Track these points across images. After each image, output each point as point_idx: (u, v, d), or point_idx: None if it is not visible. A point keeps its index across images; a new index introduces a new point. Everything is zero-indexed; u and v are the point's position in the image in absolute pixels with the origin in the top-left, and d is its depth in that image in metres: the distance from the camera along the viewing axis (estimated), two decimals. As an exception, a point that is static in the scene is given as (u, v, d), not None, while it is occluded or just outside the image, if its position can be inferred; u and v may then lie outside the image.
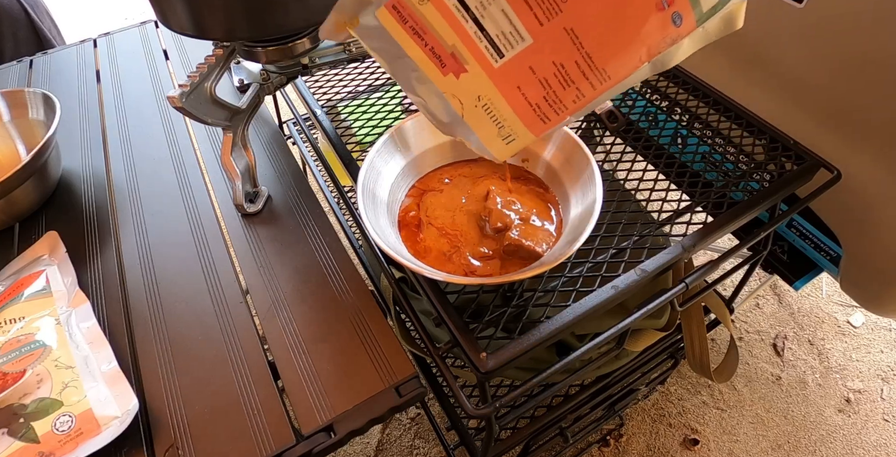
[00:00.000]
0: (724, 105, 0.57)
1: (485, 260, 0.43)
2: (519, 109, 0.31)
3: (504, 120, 0.31)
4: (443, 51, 0.29)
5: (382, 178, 0.46)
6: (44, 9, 1.06)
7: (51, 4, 1.09)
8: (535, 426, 0.60)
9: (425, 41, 0.29)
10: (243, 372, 0.44)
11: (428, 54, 0.29)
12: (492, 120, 0.31)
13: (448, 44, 0.29)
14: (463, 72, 0.29)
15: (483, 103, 0.30)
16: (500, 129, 0.32)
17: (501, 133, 0.32)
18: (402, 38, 0.29)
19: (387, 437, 0.97)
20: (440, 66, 0.29)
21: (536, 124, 0.31)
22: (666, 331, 0.56)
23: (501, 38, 0.28)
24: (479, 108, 0.31)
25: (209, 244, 0.54)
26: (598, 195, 0.41)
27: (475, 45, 0.28)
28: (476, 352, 0.38)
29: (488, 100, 0.30)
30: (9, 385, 0.40)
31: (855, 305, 1.11)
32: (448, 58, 0.29)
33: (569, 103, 0.30)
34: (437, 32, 0.28)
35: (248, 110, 0.54)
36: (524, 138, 0.32)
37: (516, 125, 0.31)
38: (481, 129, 0.32)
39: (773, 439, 0.94)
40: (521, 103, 0.30)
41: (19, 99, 0.63)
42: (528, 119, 0.31)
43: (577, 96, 0.30)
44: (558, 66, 0.29)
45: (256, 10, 0.43)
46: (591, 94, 0.30)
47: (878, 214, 0.58)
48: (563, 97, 0.30)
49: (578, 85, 0.29)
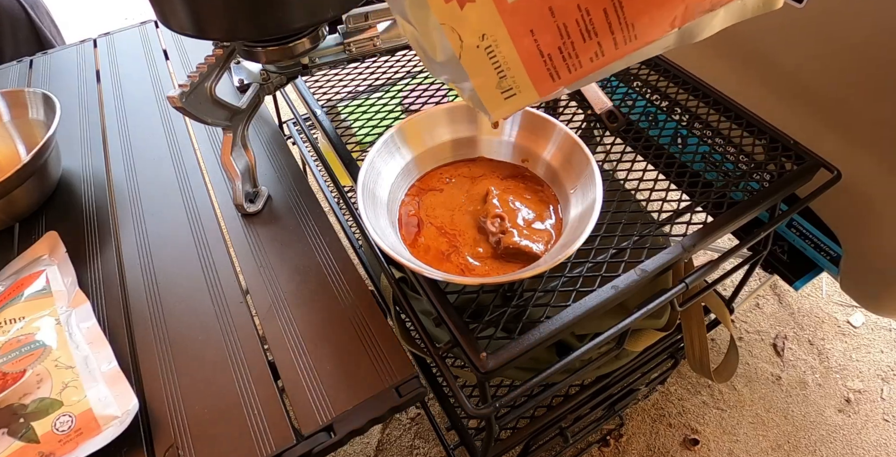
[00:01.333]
0: (724, 105, 0.57)
1: (484, 260, 0.43)
2: (527, 58, 0.26)
3: (508, 68, 0.26)
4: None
5: (382, 178, 0.46)
6: (44, 9, 1.06)
7: (51, 4, 1.09)
8: (535, 426, 0.60)
9: None
10: (243, 372, 0.44)
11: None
12: (493, 66, 0.26)
13: None
14: (470, 1, 0.24)
15: (487, 44, 0.25)
16: (501, 78, 0.27)
17: (502, 84, 0.27)
18: None
19: (387, 437, 0.97)
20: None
21: (544, 80, 0.27)
22: (666, 331, 0.56)
23: None
24: (480, 50, 0.26)
25: (209, 244, 0.54)
26: (598, 195, 0.41)
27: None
28: (476, 352, 0.38)
29: (493, 40, 0.25)
30: (9, 385, 0.39)
31: (855, 305, 1.11)
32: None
33: (585, 60, 0.26)
34: None
35: (248, 110, 0.54)
36: (527, 95, 0.28)
37: (521, 76, 0.27)
38: (479, 74, 0.27)
39: (773, 439, 0.94)
40: (532, 51, 0.25)
41: (19, 99, 0.63)
42: (536, 72, 0.26)
43: (596, 53, 0.26)
44: (583, 12, 0.24)
45: (256, 10, 0.43)
46: (612, 54, 0.26)
47: (878, 215, 0.58)
48: (580, 51, 0.25)
49: (601, 39, 0.25)
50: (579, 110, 0.62)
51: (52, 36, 1.05)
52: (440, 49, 0.27)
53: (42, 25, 1.02)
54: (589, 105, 0.60)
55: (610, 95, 0.61)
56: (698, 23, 0.25)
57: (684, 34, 0.26)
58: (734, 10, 0.26)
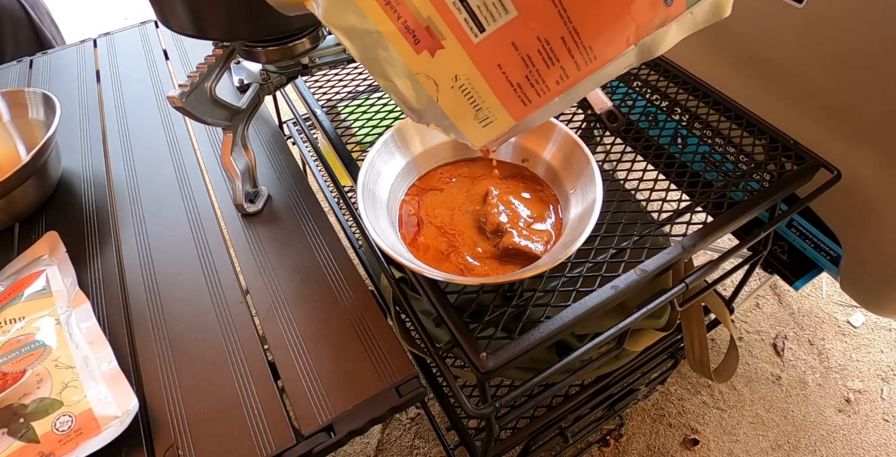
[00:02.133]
0: (724, 105, 0.57)
1: (483, 260, 0.43)
2: (499, 89, 0.28)
3: (482, 101, 0.29)
4: (417, 25, 0.26)
5: (382, 178, 0.46)
6: (44, 9, 1.06)
7: (51, 4, 1.09)
8: (535, 426, 0.60)
9: (398, 13, 0.26)
10: (243, 372, 0.44)
11: (400, 29, 0.26)
12: (469, 101, 0.28)
13: (423, 16, 0.26)
14: (439, 48, 0.26)
15: (460, 84, 0.28)
16: (477, 111, 0.29)
17: (479, 116, 0.29)
18: (371, 9, 0.26)
19: (387, 437, 0.97)
20: (413, 43, 0.27)
21: (517, 106, 0.29)
22: (666, 331, 0.56)
23: (483, 9, 0.25)
24: (455, 90, 0.28)
25: (209, 244, 0.54)
26: (598, 195, 0.41)
27: (453, 17, 0.26)
28: (476, 352, 0.38)
29: (466, 79, 0.28)
30: (9, 385, 0.39)
31: (855, 305, 1.11)
32: (423, 32, 0.26)
33: (552, 84, 0.28)
34: (412, 3, 0.25)
35: (248, 110, 0.54)
36: (503, 121, 0.30)
37: (495, 107, 0.29)
38: (457, 112, 0.29)
39: (773, 439, 0.94)
40: (502, 83, 0.28)
41: (19, 99, 0.63)
42: (508, 100, 0.29)
43: (560, 77, 0.28)
44: (543, 42, 0.26)
45: (256, 10, 0.43)
46: (576, 76, 0.28)
47: (878, 214, 0.58)
48: (546, 77, 0.27)
49: (563, 63, 0.27)
50: (579, 110, 0.62)
51: (53, 36, 1.05)
52: (417, 97, 0.29)
53: (42, 25, 1.02)
54: (589, 105, 0.60)
55: (610, 95, 0.61)
56: (653, 39, 0.27)
57: (642, 51, 0.28)
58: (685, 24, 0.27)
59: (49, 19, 1.06)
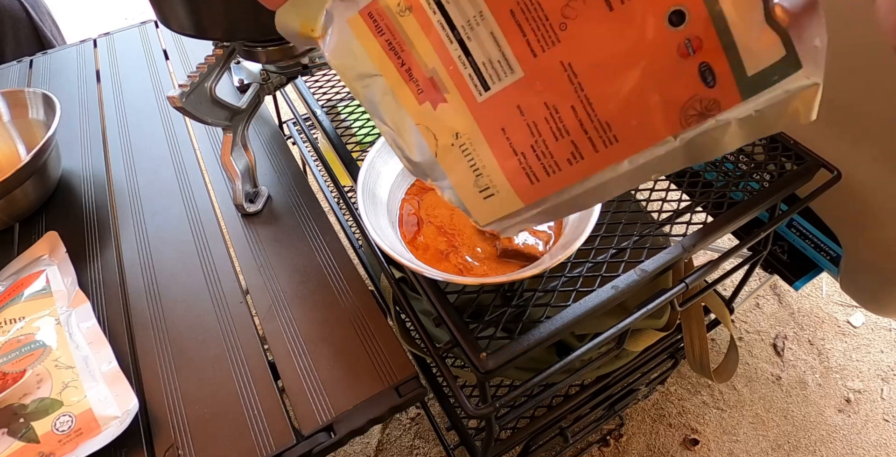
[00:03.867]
0: (724, 105, 0.57)
1: (483, 260, 0.43)
2: (501, 155, 0.25)
3: (483, 166, 0.26)
4: (421, 74, 0.25)
5: (382, 178, 0.46)
6: (45, 9, 1.06)
7: (51, 4, 1.09)
8: (535, 426, 0.60)
9: (402, 60, 0.24)
10: (243, 372, 0.44)
11: (403, 76, 0.25)
12: (469, 164, 0.26)
13: (428, 66, 0.24)
14: (442, 101, 0.25)
15: (461, 142, 0.26)
16: (477, 176, 0.27)
17: (479, 183, 0.27)
18: (375, 53, 0.25)
19: (387, 437, 0.97)
20: (416, 92, 0.25)
21: (522, 181, 0.26)
22: (666, 331, 0.56)
23: (488, 66, 0.23)
24: (455, 148, 0.26)
25: (209, 244, 0.54)
26: (598, 195, 0.41)
27: (458, 71, 0.24)
28: (476, 352, 0.38)
29: (467, 139, 0.25)
30: (9, 385, 0.40)
31: (855, 305, 1.11)
32: (426, 83, 0.25)
33: (562, 162, 0.25)
34: (417, 51, 0.24)
35: (248, 110, 0.54)
36: (507, 197, 0.27)
37: (497, 176, 0.26)
38: (456, 173, 0.27)
39: (773, 439, 0.94)
40: (505, 149, 0.25)
41: (19, 99, 0.63)
42: (512, 171, 0.26)
43: (573, 154, 0.24)
44: (551, 109, 0.23)
45: (256, 10, 0.43)
46: (593, 159, 0.24)
47: (877, 214, 0.58)
48: (554, 151, 0.24)
49: (575, 139, 0.24)
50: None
51: (54, 36, 1.05)
52: (417, 149, 0.27)
53: (43, 25, 1.02)
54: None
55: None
56: (703, 135, 0.23)
57: (691, 147, 0.23)
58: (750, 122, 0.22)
59: (50, 19, 1.06)
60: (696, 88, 0.21)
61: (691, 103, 0.22)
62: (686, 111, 0.22)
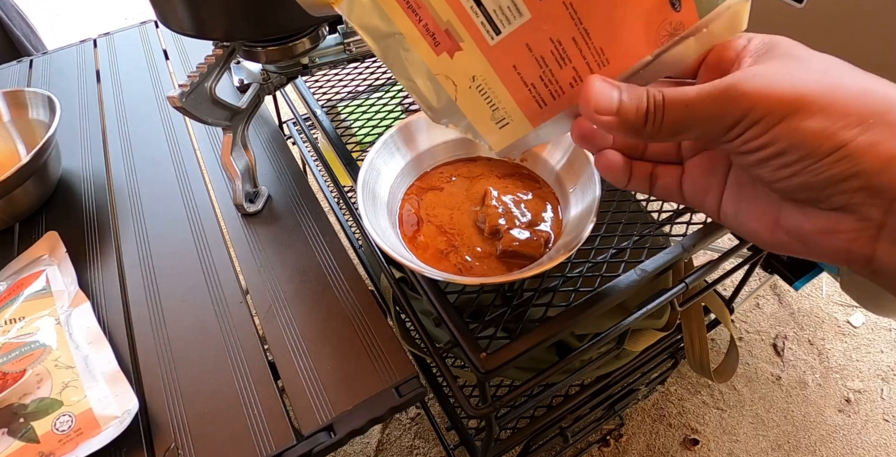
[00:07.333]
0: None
1: (482, 260, 0.43)
2: (514, 89, 0.29)
3: (499, 101, 0.30)
4: (437, 27, 0.28)
5: (382, 177, 0.46)
6: (17, 14, 1.05)
7: (51, 4, 1.09)
8: (535, 426, 0.60)
9: (419, 16, 0.27)
10: (243, 372, 0.44)
11: (421, 31, 0.28)
12: (486, 101, 0.30)
13: (443, 19, 0.27)
14: (457, 50, 0.28)
15: (477, 84, 0.29)
16: (493, 111, 0.30)
17: (495, 115, 0.31)
18: (394, 12, 0.28)
19: (387, 437, 0.97)
20: (433, 45, 0.28)
21: (532, 108, 0.30)
22: (666, 331, 0.56)
23: (499, 12, 0.27)
24: (472, 90, 0.29)
25: (209, 244, 0.54)
26: (597, 195, 0.41)
27: (471, 20, 0.27)
28: (476, 352, 0.38)
29: (483, 80, 0.29)
30: (9, 385, 0.40)
31: (855, 305, 1.11)
32: (442, 35, 0.28)
33: (566, 86, 0.29)
34: (433, 7, 0.27)
35: (248, 110, 0.54)
36: (520, 123, 0.31)
37: (511, 107, 0.30)
38: (474, 112, 0.31)
39: (773, 439, 0.94)
40: (517, 83, 0.29)
41: (19, 99, 0.63)
42: (524, 101, 0.30)
43: (574, 79, 0.28)
44: (555, 43, 0.27)
45: (256, 10, 0.43)
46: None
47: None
48: (559, 77, 0.28)
49: (575, 64, 0.28)
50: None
51: (30, 42, 1.04)
52: (437, 97, 0.31)
53: (16, 31, 1.01)
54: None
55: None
56: (673, 55, 0.28)
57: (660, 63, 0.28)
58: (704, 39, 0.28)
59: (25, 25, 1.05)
60: (666, 13, 0.26)
61: (663, 25, 0.27)
62: (659, 32, 0.27)
